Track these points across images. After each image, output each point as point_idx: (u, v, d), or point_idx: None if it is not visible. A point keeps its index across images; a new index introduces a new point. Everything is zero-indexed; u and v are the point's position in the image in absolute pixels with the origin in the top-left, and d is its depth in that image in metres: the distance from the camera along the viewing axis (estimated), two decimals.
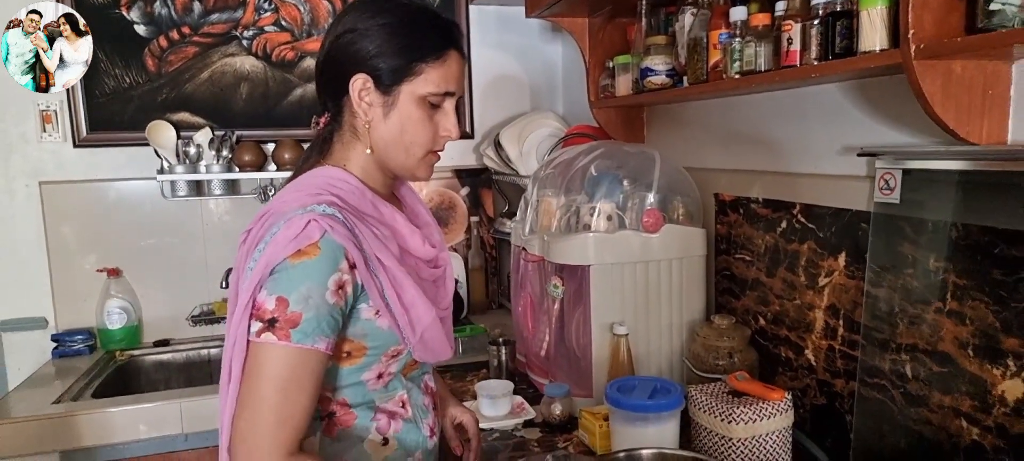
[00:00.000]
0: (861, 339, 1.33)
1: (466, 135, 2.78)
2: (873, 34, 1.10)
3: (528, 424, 1.68)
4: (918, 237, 1.21)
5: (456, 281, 2.62)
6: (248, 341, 0.98)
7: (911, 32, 1.00)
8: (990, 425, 1.09)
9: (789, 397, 1.40)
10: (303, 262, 0.97)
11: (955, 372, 1.14)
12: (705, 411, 1.42)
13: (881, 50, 1.09)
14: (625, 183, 1.77)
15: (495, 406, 1.69)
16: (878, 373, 1.29)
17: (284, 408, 0.95)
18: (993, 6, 0.96)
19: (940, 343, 1.17)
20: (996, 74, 1.06)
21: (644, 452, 1.19)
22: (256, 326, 0.96)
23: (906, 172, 1.23)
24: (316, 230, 0.98)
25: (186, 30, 2.40)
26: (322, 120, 1.16)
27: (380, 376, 1.12)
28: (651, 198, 1.73)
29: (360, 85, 1.07)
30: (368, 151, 1.11)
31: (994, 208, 1.08)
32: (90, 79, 2.34)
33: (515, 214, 2.05)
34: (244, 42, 2.46)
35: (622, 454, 1.20)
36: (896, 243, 1.25)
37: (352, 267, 1.01)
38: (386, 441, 1.13)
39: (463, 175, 2.78)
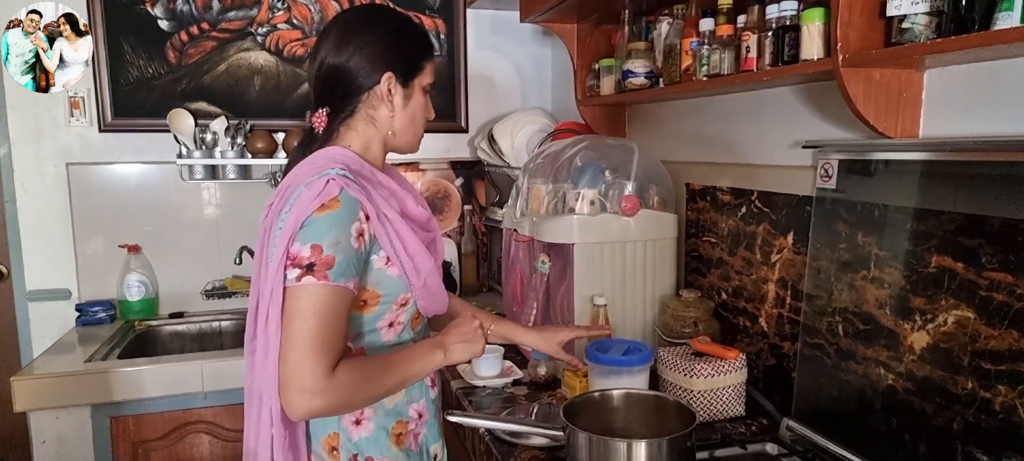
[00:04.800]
0: (804, 306, 1.56)
1: (460, 129, 2.99)
2: (812, 45, 1.33)
3: (516, 383, 1.89)
4: (850, 217, 1.44)
5: (449, 264, 2.84)
6: (285, 288, 1.15)
7: (839, 44, 1.23)
8: (901, 371, 1.32)
9: (743, 357, 1.63)
10: (328, 214, 1.14)
11: (875, 329, 1.37)
12: (671, 368, 1.64)
13: (818, 59, 1.32)
14: (607, 173, 1.99)
15: (487, 367, 1.90)
16: (817, 333, 1.52)
17: (327, 338, 1.12)
18: (905, 24, 1.19)
19: (865, 305, 1.40)
20: (909, 80, 1.29)
21: (615, 392, 1.41)
22: (294, 273, 1.13)
23: (841, 162, 1.46)
24: (335, 187, 1.15)
25: (205, 26, 2.60)
26: (317, 116, 1.32)
27: (391, 325, 1.30)
28: (629, 186, 1.95)
29: (389, 81, 1.28)
30: (391, 133, 1.32)
31: (907, 191, 1.31)
32: (115, 69, 2.53)
33: (506, 203, 2.25)
34: (258, 38, 2.66)
35: (597, 393, 1.41)
36: (833, 222, 1.48)
37: (367, 218, 1.19)
38: None
39: (457, 166, 2.99)
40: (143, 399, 2.09)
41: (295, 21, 2.70)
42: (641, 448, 1.21)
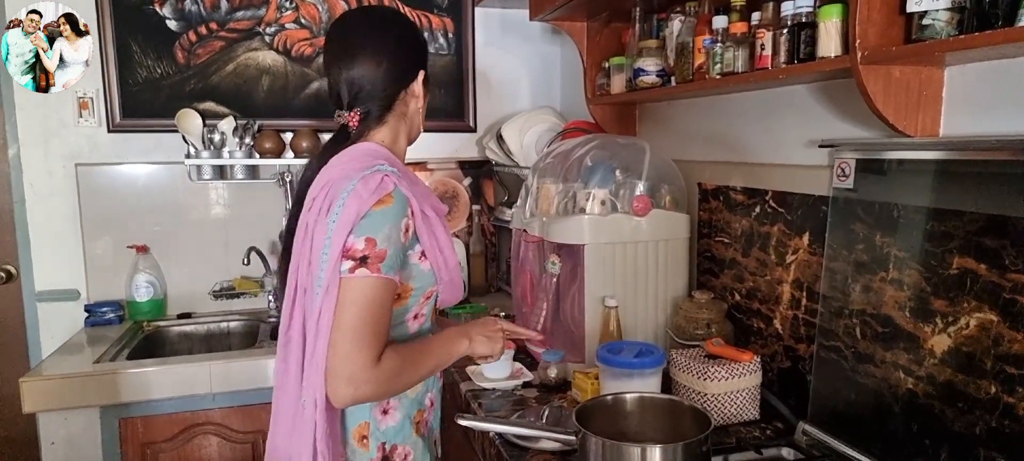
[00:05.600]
0: (820, 307, 1.53)
1: (468, 128, 2.97)
2: (829, 42, 1.30)
3: (526, 385, 1.87)
4: (867, 217, 1.41)
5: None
6: (339, 279, 1.17)
7: (858, 41, 1.20)
8: (922, 375, 1.29)
9: (758, 359, 1.61)
10: (383, 209, 1.19)
11: (895, 331, 1.34)
12: (684, 371, 1.62)
13: (835, 56, 1.29)
14: (617, 172, 1.96)
15: (496, 369, 1.88)
16: (833, 336, 1.49)
17: (376, 328, 1.18)
18: (925, 21, 1.16)
19: (883, 307, 1.37)
20: (930, 78, 1.26)
21: (628, 395, 1.38)
22: (347, 265, 1.17)
23: (859, 161, 1.43)
24: (389, 183, 1.21)
25: (213, 26, 2.59)
26: (352, 116, 1.33)
27: (416, 316, 1.35)
28: (641, 186, 1.92)
29: (421, 79, 1.37)
30: (421, 130, 1.41)
31: (927, 191, 1.28)
32: (124, 69, 2.52)
33: (514, 203, 2.23)
34: (266, 38, 2.65)
35: (609, 397, 1.39)
36: (850, 223, 1.45)
37: (412, 214, 1.24)
38: None
39: (465, 166, 2.97)
40: (151, 400, 2.08)
41: (303, 21, 2.68)
42: (656, 454, 1.18)
